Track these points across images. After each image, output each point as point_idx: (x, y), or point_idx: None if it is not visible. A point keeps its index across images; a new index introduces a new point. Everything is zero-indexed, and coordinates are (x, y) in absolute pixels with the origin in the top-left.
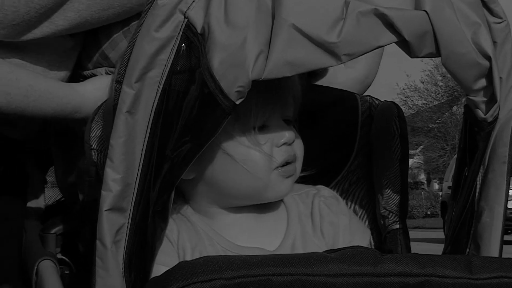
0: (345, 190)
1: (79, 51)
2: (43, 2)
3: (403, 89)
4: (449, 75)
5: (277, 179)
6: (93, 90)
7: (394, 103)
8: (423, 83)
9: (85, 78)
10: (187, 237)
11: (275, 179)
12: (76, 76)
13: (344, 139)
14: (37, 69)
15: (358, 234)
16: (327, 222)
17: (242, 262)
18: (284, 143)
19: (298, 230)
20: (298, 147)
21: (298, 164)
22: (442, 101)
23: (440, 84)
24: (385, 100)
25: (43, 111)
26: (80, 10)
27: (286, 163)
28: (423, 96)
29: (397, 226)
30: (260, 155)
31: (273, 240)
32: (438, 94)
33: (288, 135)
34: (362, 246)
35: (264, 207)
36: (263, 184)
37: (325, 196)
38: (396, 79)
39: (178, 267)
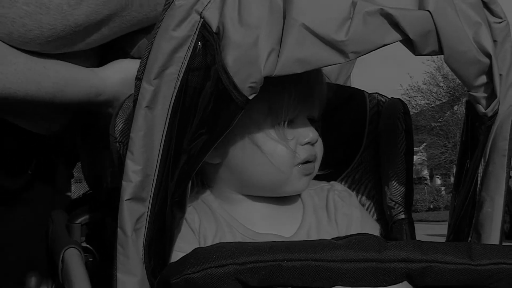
0: (354, 182)
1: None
2: (79, 22)
3: (407, 90)
4: (450, 77)
5: (297, 175)
6: (114, 73)
7: (400, 100)
8: (425, 84)
9: None
10: (208, 225)
11: (295, 175)
12: None
13: (354, 134)
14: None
15: (369, 226)
16: (341, 213)
17: (254, 248)
18: (308, 142)
19: (313, 220)
20: (319, 148)
21: (317, 164)
22: (444, 101)
23: (442, 85)
24: (392, 97)
25: (70, 96)
26: (113, 27)
27: (307, 161)
28: (425, 97)
29: (403, 216)
30: (286, 150)
31: (289, 227)
32: (439, 94)
33: (312, 135)
34: (368, 234)
35: (282, 198)
36: (284, 178)
37: (338, 190)
38: (400, 81)
39: (193, 253)
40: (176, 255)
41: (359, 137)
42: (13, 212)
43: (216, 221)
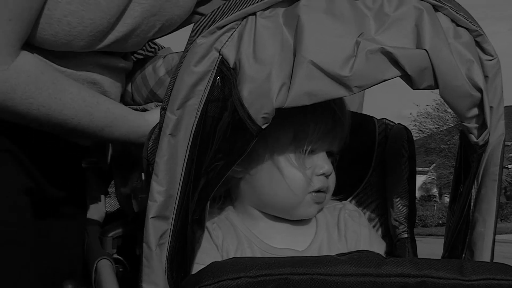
0: (363, 202)
1: (129, 83)
2: (112, 12)
3: (417, 116)
4: None
5: (309, 202)
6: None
7: (405, 127)
8: (434, 110)
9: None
10: (230, 241)
11: (307, 201)
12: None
13: (363, 157)
14: (103, 87)
15: (376, 244)
16: (351, 231)
17: (265, 263)
18: (322, 174)
19: (325, 236)
20: (332, 181)
21: (328, 195)
22: (451, 125)
23: (449, 111)
24: (398, 123)
25: (117, 133)
26: (135, 16)
27: (319, 191)
28: (435, 121)
29: (406, 235)
30: (302, 177)
31: (303, 242)
32: (447, 119)
33: (327, 167)
34: (367, 250)
35: None
36: (297, 202)
37: (349, 210)
38: (411, 108)
39: (210, 266)
40: (198, 267)
41: (369, 159)
42: (53, 225)
43: (237, 237)
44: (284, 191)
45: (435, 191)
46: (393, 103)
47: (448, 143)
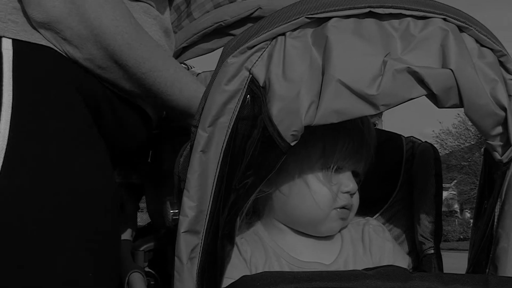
0: (390, 218)
1: None
2: None
3: (439, 133)
4: None
5: (333, 217)
6: None
7: (432, 145)
8: (455, 128)
9: None
10: (258, 256)
11: (332, 216)
12: None
13: (391, 174)
14: None
15: (400, 257)
16: (375, 245)
17: (294, 277)
18: (347, 192)
19: (350, 250)
20: (356, 200)
21: (352, 213)
22: (472, 143)
23: (471, 129)
24: (425, 141)
25: (185, 93)
26: None
27: (344, 207)
28: (456, 139)
29: (432, 251)
30: (329, 193)
31: (329, 256)
32: (468, 137)
33: (352, 186)
34: (394, 265)
35: None
36: (322, 218)
37: (373, 225)
38: (433, 127)
39: (240, 280)
40: (227, 281)
41: (396, 176)
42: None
43: (265, 251)
44: (311, 205)
45: (456, 206)
46: (415, 121)
47: (469, 160)
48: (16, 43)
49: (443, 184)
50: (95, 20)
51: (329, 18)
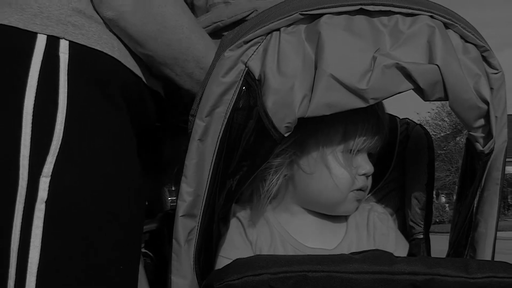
0: (382, 197)
1: None
2: None
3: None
4: (453, 113)
5: (351, 199)
6: None
7: (426, 132)
8: (431, 119)
9: None
10: (264, 239)
11: (349, 198)
12: None
13: (385, 155)
14: None
15: (401, 246)
16: (379, 233)
17: (285, 261)
18: (364, 174)
19: (354, 236)
20: (370, 181)
21: (366, 194)
22: (448, 133)
23: (446, 119)
24: (419, 124)
25: (196, 50)
26: None
27: (360, 189)
28: (432, 129)
29: (421, 236)
30: (349, 175)
31: (333, 241)
32: (444, 127)
33: (369, 168)
34: (380, 250)
35: (330, 216)
36: (341, 199)
37: (378, 212)
38: (410, 115)
39: (234, 263)
40: (225, 261)
41: (390, 157)
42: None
43: (271, 235)
44: (331, 188)
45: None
46: (393, 111)
47: (445, 149)
48: (73, 46)
49: None
50: (158, 16)
51: (322, 14)
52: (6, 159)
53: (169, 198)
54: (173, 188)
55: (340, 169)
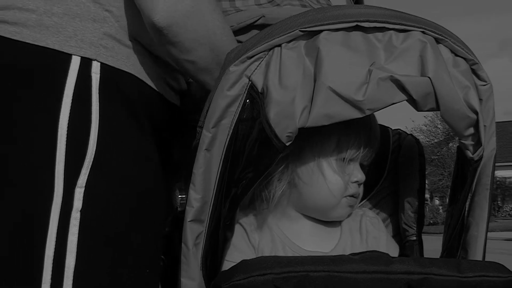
0: (377, 202)
1: None
2: None
3: (411, 131)
4: None
5: (343, 204)
6: None
7: (417, 141)
8: (425, 126)
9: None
10: (265, 243)
11: (342, 203)
12: None
13: (378, 163)
14: None
15: (392, 248)
16: (371, 236)
17: (288, 261)
18: (356, 181)
19: (348, 239)
20: (361, 189)
21: (358, 200)
22: (441, 139)
23: (439, 126)
24: (410, 134)
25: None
26: None
27: (353, 196)
28: (426, 135)
29: (414, 238)
30: (342, 182)
31: (329, 244)
32: (437, 134)
33: (360, 176)
34: (378, 251)
35: (326, 221)
36: (334, 204)
37: (370, 217)
38: (405, 123)
39: (240, 264)
40: (230, 265)
41: (383, 165)
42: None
43: (272, 239)
44: (325, 193)
45: (426, 195)
46: (390, 120)
47: (438, 154)
48: (104, 67)
49: None
50: (209, 22)
51: (321, 31)
52: (41, 170)
53: (179, 196)
54: (183, 187)
55: (334, 175)
